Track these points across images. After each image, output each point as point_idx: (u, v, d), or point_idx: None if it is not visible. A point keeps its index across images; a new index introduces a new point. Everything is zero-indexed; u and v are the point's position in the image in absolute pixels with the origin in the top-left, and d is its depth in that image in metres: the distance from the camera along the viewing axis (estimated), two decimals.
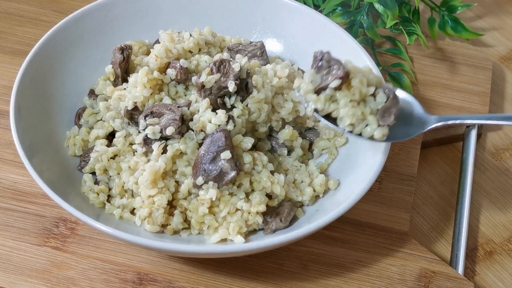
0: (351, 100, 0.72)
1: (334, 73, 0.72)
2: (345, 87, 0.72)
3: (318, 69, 0.74)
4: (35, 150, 0.76)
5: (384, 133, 0.73)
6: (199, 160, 0.75)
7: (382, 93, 0.73)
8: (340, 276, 0.79)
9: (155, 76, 0.80)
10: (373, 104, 0.73)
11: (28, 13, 1.05)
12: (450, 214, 0.89)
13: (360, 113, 0.73)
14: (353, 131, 0.74)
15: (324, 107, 0.73)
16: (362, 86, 0.73)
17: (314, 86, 0.73)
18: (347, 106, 0.72)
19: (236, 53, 0.86)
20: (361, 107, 0.73)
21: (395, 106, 0.73)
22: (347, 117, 0.73)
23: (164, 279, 0.77)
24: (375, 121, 0.73)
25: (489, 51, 1.09)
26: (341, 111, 0.73)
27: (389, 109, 0.73)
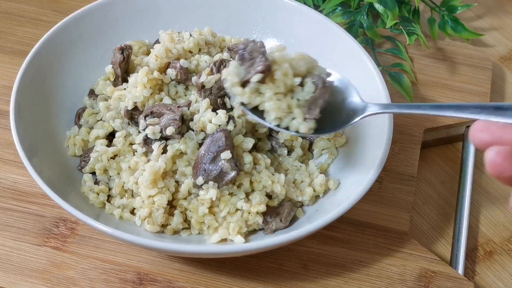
0: (276, 93, 0.70)
1: (255, 66, 0.69)
2: (269, 80, 0.69)
3: (242, 61, 0.71)
4: (35, 150, 0.76)
5: (310, 126, 0.70)
6: (199, 160, 0.75)
7: (310, 83, 0.70)
8: (340, 276, 0.79)
9: (155, 76, 0.80)
10: (301, 95, 0.70)
11: (28, 13, 1.05)
12: (450, 214, 0.89)
13: (286, 106, 0.70)
14: (280, 125, 0.71)
15: (250, 101, 0.70)
16: (286, 78, 0.69)
17: (239, 79, 0.70)
18: (272, 99, 0.70)
19: (236, 53, 0.86)
20: (287, 99, 0.70)
21: (322, 97, 0.70)
22: (272, 110, 0.70)
23: (164, 279, 0.77)
24: (301, 114, 0.70)
25: (489, 51, 1.09)
26: (266, 105, 0.70)
27: (316, 101, 0.70)
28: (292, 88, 0.70)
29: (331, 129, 0.72)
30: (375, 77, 0.83)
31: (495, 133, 0.50)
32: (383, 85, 0.82)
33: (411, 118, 0.94)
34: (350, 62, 0.87)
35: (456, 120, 0.95)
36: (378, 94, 0.81)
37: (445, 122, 0.94)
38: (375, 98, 0.82)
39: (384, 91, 0.81)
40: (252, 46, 0.71)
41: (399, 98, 0.96)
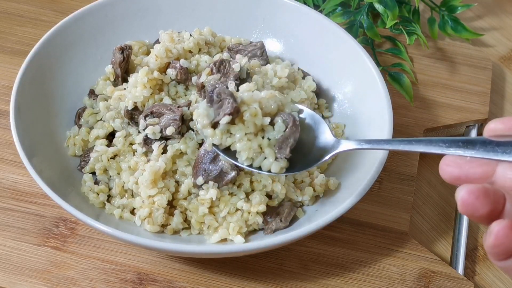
0: (246, 133, 0.69)
1: (224, 108, 0.69)
2: (239, 120, 0.69)
3: (211, 103, 0.70)
4: (35, 150, 0.76)
5: (282, 165, 0.69)
6: (199, 160, 0.75)
7: (280, 122, 0.69)
8: (340, 276, 0.79)
9: (155, 76, 0.80)
10: (271, 134, 0.70)
11: (28, 13, 1.05)
12: (450, 214, 0.89)
13: (256, 146, 0.69)
14: (252, 165, 0.70)
15: (221, 142, 0.70)
16: (255, 119, 0.69)
17: (210, 120, 0.70)
18: (243, 140, 0.69)
19: (236, 53, 0.86)
20: (258, 139, 0.69)
21: (293, 136, 0.69)
22: (243, 151, 0.69)
23: (164, 279, 0.77)
24: (272, 153, 0.69)
25: (489, 51, 1.09)
26: (237, 145, 0.70)
27: (287, 140, 0.69)
28: (263, 127, 0.70)
29: (302, 167, 0.71)
30: (375, 77, 0.83)
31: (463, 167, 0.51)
32: (383, 85, 0.82)
33: (411, 118, 0.94)
34: (350, 62, 0.87)
35: (456, 120, 0.95)
36: (378, 94, 0.81)
37: (445, 122, 0.94)
38: (375, 98, 0.82)
39: (384, 91, 0.81)
40: (220, 88, 0.71)
41: (399, 98, 0.96)
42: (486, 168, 0.51)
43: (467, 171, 0.51)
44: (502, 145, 0.51)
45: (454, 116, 0.95)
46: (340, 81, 0.88)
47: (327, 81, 0.90)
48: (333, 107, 0.89)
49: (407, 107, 0.95)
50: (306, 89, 0.85)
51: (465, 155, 0.52)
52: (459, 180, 0.51)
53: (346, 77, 0.88)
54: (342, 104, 0.88)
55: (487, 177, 0.51)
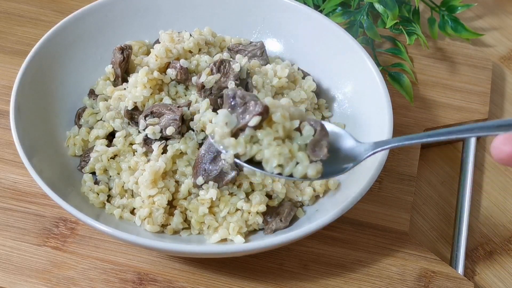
0: (275, 138, 0.64)
1: (251, 109, 0.63)
2: (266, 125, 0.64)
3: (232, 109, 0.65)
4: (35, 150, 0.76)
5: (318, 169, 0.64)
6: (200, 160, 0.75)
7: (308, 126, 0.65)
8: (340, 276, 0.79)
9: (155, 76, 0.80)
10: (300, 139, 0.65)
11: (28, 13, 1.05)
12: (450, 214, 0.89)
13: (287, 151, 0.64)
14: (283, 173, 0.65)
15: (245, 151, 0.64)
16: (285, 121, 0.64)
17: (230, 128, 0.64)
18: (272, 145, 0.64)
19: (236, 53, 0.86)
20: (287, 144, 0.65)
21: (325, 138, 0.65)
22: (273, 157, 0.64)
23: (164, 279, 0.77)
24: (305, 157, 0.64)
25: (489, 51, 1.09)
26: (265, 152, 0.64)
27: (319, 142, 0.65)
28: (290, 133, 0.65)
29: (335, 173, 0.67)
30: (375, 77, 0.83)
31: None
32: (383, 85, 0.82)
33: (411, 118, 0.94)
34: (350, 62, 0.87)
35: (456, 120, 0.95)
36: (378, 94, 0.81)
37: (445, 122, 0.94)
38: (375, 98, 0.82)
39: (384, 91, 0.81)
40: (242, 92, 0.66)
41: (399, 98, 0.96)
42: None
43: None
44: None
45: (454, 116, 0.95)
46: (340, 81, 0.88)
47: (327, 81, 0.90)
48: (333, 107, 0.89)
49: (407, 107, 0.95)
50: (306, 89, 0.85)
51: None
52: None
53: (346, 77, 0.88)
54: (342, 104, 0.88)
55: None
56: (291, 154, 0.65)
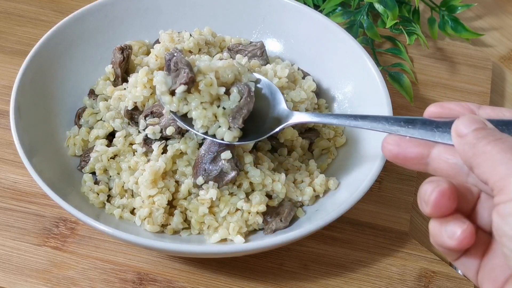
0: (202, 102, 0.72)
1: (180, 77, 0.71)
2: (195, 89, 0.72)
3: (168, 72, 0.73)
4: (35, 150, 0.76)
5: (235, 135, 0.72)
6: (200, 160, 0.75)
7: (236, 92, 0.72)
8: (340, 276, 0.79)
9: None
10: (227, 104, 0.72)
11: (28, 13, 1.05)
12: None
13: (211, 115, 0.72)
14: (207, 132, 0.73)
15: (178, 109, 0.72)
16: (211, 88, 0.71)
17: (167, 88, 0.72)
18: (198, 108, 0.72)
19: (236, 53, 0.86)
20: (213, 108, 0.72)
21: (247, 106, 0.72)
22: (198, 119, 0.72)
23: (164, 279, 0.77)
24: (225, 123, 0.72)
25: (489, 51, 1.09)
26: (193, 113, 0.72)
27: (241, 110, 0.72)
28: (218, 97, 0.72)
29: (255, 137, 0.73)
30: (375, 77, 0.83)
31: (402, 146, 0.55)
32: (383, 85, 0.82)
33: None
34: (350, 62, 0.87)
35: None
36: (378, 94, 0.81)
37: None
38: (375, 98, 0.82)
39: (384, 91, 0.81)
40: (177, 57, 0.72)
41: (399, 98, 0.96)
42: (423, 149, 0.54)
43: (404, 149, 0.54)
44: (441, 127, 0.54)
45: None
46: (340, 81, 0.88)
47: (327, 81, 0.90)
48: (333, 107, 0.89)
49: (407, 107, 0.95)
50: (306, 89, 0.85)
51: (405, 135, 0.55)
52: (398, 158, 0.55)
53: (346, 77, 0.88)
54: (342, 104, 0.88)
55: (422, 157, 0.54)
56: (215, 117, 0.72)
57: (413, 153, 0.54)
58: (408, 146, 0.54)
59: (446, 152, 0.53)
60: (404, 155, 0.54)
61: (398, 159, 0.55)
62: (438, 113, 0.55)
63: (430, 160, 0.53)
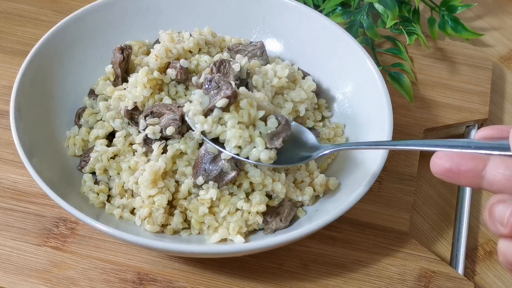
0: (239, 122, 0.71)
1: (222, 92, 0.70)
2: (233, 109, 0.71)
3: (207, 90, 0.72)
4: (35, 150, 0.76)
5: (271, 156, 0.70)
6: (200, 160, 0.75)
7: (274, 119, 0.71)
8: (340, 276, 0.79)
9: (155, 76, 0.80)
10: (263, 128, 0.71)
11: (28, 13, 1.05)
12: (450, 214, 0.89)
13: (247, 136, 0.70)
14: (240, 154, 0.71)
15: (211, 129, 0.71)
16: (251, 108, 0.71)
17: (203, 108, 0.71)
18: (234, 127, 0.70)
19: (236, 53, 0.86)
20: (249, 130, 0.71)
21: (285, 132, 0.71)
22: (233, 138, 0.70)
23: (164, 279, 0.77)
24: (262, 143, 0.70)
25: (489, 51, 1.09)
26: (228, 133, 0.71)
27: (279, 134, 0.71)
28: (254, 121, 0.72)
29: (287, 163, 0.73)
30: (375, 77, 0.83)
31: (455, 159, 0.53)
32: (383, 85, 0.82)
33: (411, 118, 0.94)
34: (350, 62, 0.87)
35: (456, 120, 0.95)
36: (378, 94, 0.81)
37: (445, 122, 0.94)
38: (375, 98, 0.82)
39: (384, 91, 0.81)
40: (219, 77, 0.72)
41: (399, 98, 0.96)
42: (477, 162, 0.52)
43: (458, 163, 0.52)
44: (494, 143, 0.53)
45: (454, 116, 0.95)
46: (340, 81, 0.88)
47: (327, 81, 0.90)
48: (333, 107, 0.89)
49: (407, 107, 0.95)
50: (306, 89, 0.85)
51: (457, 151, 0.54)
52: (451, 172, 0.53)
53: (346, 77, 0.88)
54: (342, 104, 0.88)
55: (477, 171, 0.52)
56: (250, 138, 0.71)
57: (468, 166, 0.52)
58: (463, 159, 0.52)
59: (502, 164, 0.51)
60: (458, 168, 0.52)
61: (451, 174, 0.52)
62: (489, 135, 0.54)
63: (486, 174, 0.51)
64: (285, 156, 0.72)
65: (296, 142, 0.74)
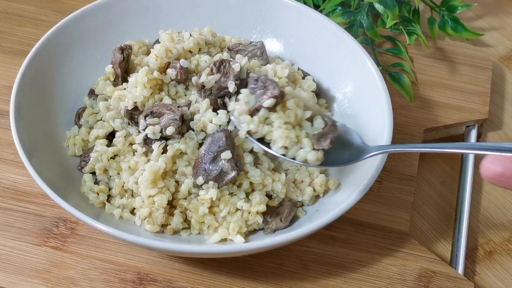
0: (286, 123, 0.70)
1: (269, 92, 0.70)
2: (280, 109, 0.70)
3: (253, 90, 0.72)
4: (35, 150, 0.76)
5: (318, 157, 0.70)
6: (200, 160, 0.75)
7: (320, 120, 0.71)
8: (340, 276, 0.79)
9: (155, 76, 0.80)
10: (310, 129, 0.71)
11: (28, 13, 1.05)
12: (450, 214, 0.89)
13: (294, 136, 0.70)
14: (286, 155, 0.71)
15: (257, 129, 0.71)
16: (298, 108, 0.70)
17: (249, 107, 0.71)
18: (281, 128, 0.70)
19: (236, 53, 0.86)
20: (296, 130, 0.71)
21: (332, 133, 0.71)
22: (280, 139, 0.70)
23: (164, 279, 0.77)
24: (309, 144, 0.70)
25: (489, 51, 1.09)
26: (274, 133, 0.70)
27: (326, 135, 0.71)
28: (301, 121, 0.71)
29: (333, 164, 0.72)
30: (375, 77, 0.83)
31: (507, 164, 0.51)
32: (383, 85, 0.82)
33: (411, 118, 0.94)
34: (350, 62, 0.87)
35: (456, 120, 0.95)
36: (378, 94, 0.81)
37: (445, 122, 0.94)
38: (375, 98, 0.82)
39: (384, 91, 0.81)
40: (266, 77, 0.72)
41: (399, 98, 0.96)
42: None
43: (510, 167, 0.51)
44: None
45: (454, 116, 0.95)
46: (340, 81, 0.88)
47: (327, 81, 0.90)
48: (333, 107, 0.89)
49: (407, 107, 0.95)
50: (306, 89, 0.85)
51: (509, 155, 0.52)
52: (502, 176, 0.51)
53: (346, 77, 0.88)
54: (342, 104, 0.88)
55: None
56: (297, 139, 0.70)
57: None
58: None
59: None
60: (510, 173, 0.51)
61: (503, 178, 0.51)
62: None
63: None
64: (331, 157, 0.71)
65: (341, 142, 0.73)
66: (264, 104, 0.70)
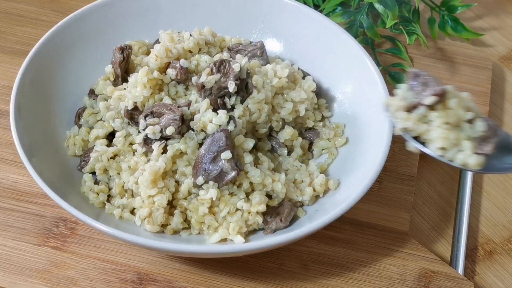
0: (446, 122, 0.67)
1: (430, 89, 0.67)
2: (440, 108, 0.68)
3: (412, 86, 0.69)
4: (35, 150, 0.76)
5: (480, 161, 0.67)
6: (200, 160, 0.75)
7: (482, 122, 0.68)
8: (340, 276, 0.79)
9: (155, 76, 0.80)
10: (470, 131, 0.68)
11: (28, 13, 1.05)
12: (450, 214, 0.89)
13: (454, 138, 0.67)
14: (444, 156, 0.68)
15: (414, 127, 0.68)
16: (460, 109, 0.67)
17: (406, 103, 0.69)
18: (441, 127, 0.67)
19: (236, 53, 0.86)
20: (456, 131, 0.68)
21: (495, 137, 0.67)
22: (439, 139, 0.67)
23: (164, 279, 0.77)
24: (471, 147, 0.67)
25: (489, 51, 1.09)
26: (433, 133, 0.68)
27: (488, 139, 0.67)
28: (460, 123, 0.68)
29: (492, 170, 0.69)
30: (375, 77, 0.83)
31: None
32: (383, 85, 0.82)
33: None
34: (350, 62, 0.87)
35: None
36: (378, 94, 0.81)
37: None
38: (375, 98, 0.82)
39: (384, 91, 0.81)
40: (426, 74, 0.70)
41: None
42: None
43: None
44: None
45: None
46: (340, 81, 0.88)
47: (327, 81, 0.90)
48: (333, 107, 0.89)
49: None
50: (306, 89, 0.85)
51: None
52: None
53: (346, 77, 0.88)
54: (342, 104, 0.88)
55: None
56: (456, 141, 0.68)
57: None
58: None
59: None
60: None
61: None
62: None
63: None
64: (489, 162, 0.68)
65: (501, 148, 0.69)
66: (425, 102, 0.67)
